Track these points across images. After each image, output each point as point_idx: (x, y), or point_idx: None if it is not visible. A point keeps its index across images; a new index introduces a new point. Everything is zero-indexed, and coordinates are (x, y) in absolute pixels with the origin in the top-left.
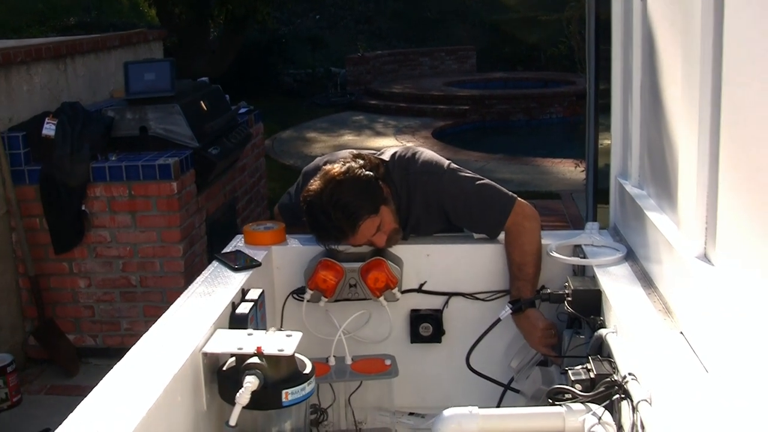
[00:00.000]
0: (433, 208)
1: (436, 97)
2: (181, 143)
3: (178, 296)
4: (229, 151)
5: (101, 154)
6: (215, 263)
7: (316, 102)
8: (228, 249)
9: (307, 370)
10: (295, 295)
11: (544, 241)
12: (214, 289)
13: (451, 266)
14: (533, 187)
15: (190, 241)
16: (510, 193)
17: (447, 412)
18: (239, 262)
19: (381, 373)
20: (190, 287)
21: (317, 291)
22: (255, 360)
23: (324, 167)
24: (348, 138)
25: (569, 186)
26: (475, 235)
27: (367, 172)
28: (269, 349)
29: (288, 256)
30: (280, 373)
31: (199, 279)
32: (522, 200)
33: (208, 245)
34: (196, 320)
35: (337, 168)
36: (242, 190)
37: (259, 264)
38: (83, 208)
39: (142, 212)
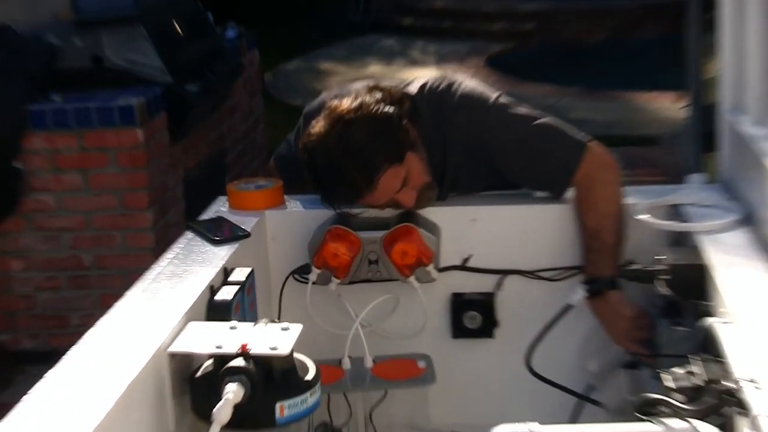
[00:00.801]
0: (476, 156)
1: (490, 13)
2: (148, 78)
3: None
4: (212, 88)
5: (41, 92)
6: (189, 234)
7: (332, 22)
8: (207, 215)
9: (310, 376)
10: (296, 276)
11: (630, 200)
12: (187, 269)
13: (505, 235)
14: (621, 129)
15: (162, 208)
16: (579, 136)
17: (498, 430)
18: (221, 232)
19: (412, 379)
20: (154, 267)
21: (326, 270)
22: (239, 362)
23: (330, 104)
24: (375, 69)
25: (669, 128)
26: (536, 193)
27: (386, 108)
28: (258, 348)
29: (287, 223)
30: (273, 379)
31: (168, 255)
32: (595, 144)
33: (187, 212)
34: (161, 310)
35: (346, 104)
36: (232, 138)
37: (248, 234)
38: (17, 165)
39: (97, 170)
